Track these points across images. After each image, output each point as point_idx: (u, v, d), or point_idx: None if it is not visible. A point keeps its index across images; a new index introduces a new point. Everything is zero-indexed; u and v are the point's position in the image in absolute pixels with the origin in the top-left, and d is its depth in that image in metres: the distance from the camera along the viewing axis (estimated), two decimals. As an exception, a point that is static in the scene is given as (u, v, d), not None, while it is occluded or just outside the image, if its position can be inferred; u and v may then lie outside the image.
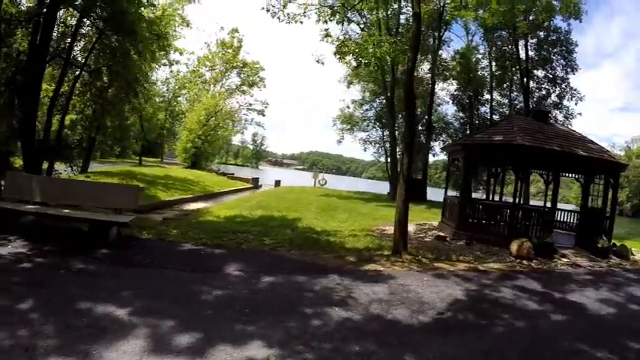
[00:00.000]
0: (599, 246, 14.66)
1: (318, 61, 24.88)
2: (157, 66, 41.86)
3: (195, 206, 19.47)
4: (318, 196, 29.69)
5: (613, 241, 16.65)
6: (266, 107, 64.86)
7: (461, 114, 40.64)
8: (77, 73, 24.99)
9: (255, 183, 40.30)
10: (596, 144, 16.86)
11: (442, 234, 15.73)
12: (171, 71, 65.52)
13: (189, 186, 26.04)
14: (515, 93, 37.73)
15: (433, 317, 7.01)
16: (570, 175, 19.67)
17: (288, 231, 13.91)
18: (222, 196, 26.90)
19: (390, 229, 15.90)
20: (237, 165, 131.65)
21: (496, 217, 16.05)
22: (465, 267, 11.23)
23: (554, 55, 36.70)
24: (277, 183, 44.72)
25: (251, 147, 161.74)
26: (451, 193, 19.59)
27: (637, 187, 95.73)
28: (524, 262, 12.51)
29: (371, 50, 14.99)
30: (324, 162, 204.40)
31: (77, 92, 26.13)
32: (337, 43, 18.30)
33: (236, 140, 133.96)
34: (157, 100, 65.86)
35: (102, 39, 23.67)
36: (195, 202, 21.46)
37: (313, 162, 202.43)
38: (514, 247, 13.04)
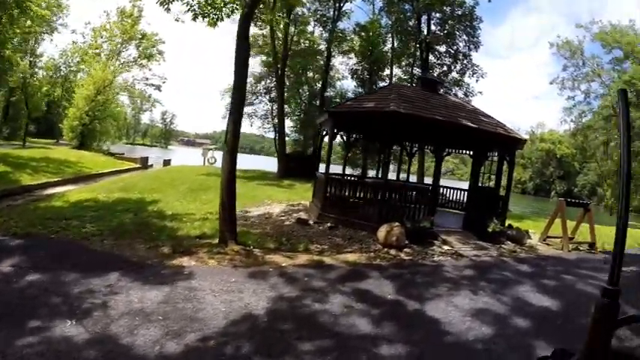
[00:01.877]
0: (490, 230, 12.76)
1: (177, 20, 21.38)
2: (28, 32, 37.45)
3: (58, 190, 17.78)
4: (199, 175, 27.22)
5: (509, 222, 15.16)
6: (164, 82, 60.39)
7: (360, 89, 38.61)
8: None
9: (144, 163, 37.10)
10: (492, 118, 14.84)
11: (304, 217, 13.54)
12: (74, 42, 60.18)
13: (64, 168, 23.88)
14: (417, 69, 36.15)
15: (187, 345, 4.96)
16: (462, 152, 17.90)
17: (130, 215, 12.43)
18: (98, 178, 24.53)
19: (255, 211, 14.71)
20: (146, 145, 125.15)
21: (367, 198, 13.70)
22: (306, 260, 9.03)
23: (457, 31, 35.26)
24: (166, 162, 41.87)
25: (161, 126, 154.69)
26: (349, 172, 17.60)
27: (539, 168, 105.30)
28: (392, 251, 10.35)
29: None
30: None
31: None
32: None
33: (145, 119, 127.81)
34: (48, 74, 61.88)
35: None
36: (61, 185, 19.61)
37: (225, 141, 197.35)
38: (382, 233, 10.88)
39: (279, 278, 7.59)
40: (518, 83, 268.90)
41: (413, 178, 25.89)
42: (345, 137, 17.03)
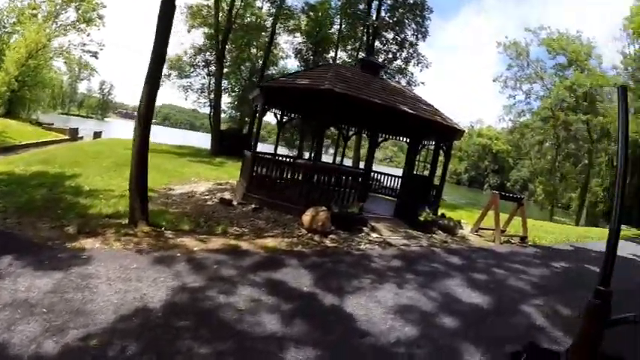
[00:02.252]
0: (422, 219, 12.40)
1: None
2: None
3: (-28, 162, 16.11)
4: (128, 149, 25.77)
5: (443, 211, 15.05)
6: (101, 49, 57.12)
7: (303, 70, 37.90)
8: None
9: (73, 135, 34.83)
10: (431, 106, 14.44)
11: (228, 197, 12.69)
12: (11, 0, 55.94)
13: (-17, 138, 22.14)
14: (363, 54, 35.74)
15: (67, 345, 4.10)
16: (398, 138, 17.50)
17: (43, 191, 11.02)
18: (21, 150, 22.59)
19: (179, 189, 13.88)
20: (81, 116, 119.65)
21: (295, 179, 12.97)
22: (220, 245, 8.19)
23: (407, 19, 35.30)
24: (96, 135, 39.84)
25: (99, 96, 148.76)
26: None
27: (475, 161, 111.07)
28: (316, 237, 9.74)
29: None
30: (177, 116, 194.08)
31: None
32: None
33: (83, 88, 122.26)
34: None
35: None
36: (-23, 156, 17.99)
37: (166, 116, 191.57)
38: (307, 217, 10.27)
39: (186, 265, 6.77)
40: (463, 79, 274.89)
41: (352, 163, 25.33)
42: (278, 115, 16.24)
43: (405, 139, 16.70)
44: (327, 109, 12.22)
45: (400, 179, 16.35)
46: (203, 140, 49.38)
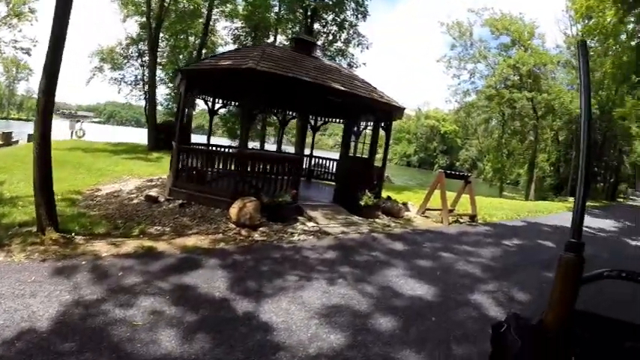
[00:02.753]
0: (362, 203, 11.60)
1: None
2: None
3: None
4: (60, 150, 24.19)
5: (389, 194, 14.37)
6: (34, 46, 54.27)
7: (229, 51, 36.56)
8: None
9: (7, 139, 32.21)
10: (369, 85, 13.61)
11: (154, 194, 11.48)
12: None
13: None
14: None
15: None
16: (334, 120, 16.71)
17: None
18: None
19: (107, 189, 12.95)
20: (22, 120, 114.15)
21: (225, 169, 11.91)
22: (133, 248, 7.17)
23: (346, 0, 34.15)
24: (31, 138, 37.14)
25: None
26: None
27: (424, 142, 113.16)
28: (244, 231, 8.78)
29: None
30: (123, 114, 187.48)
31: None
32: None
33: (22, 89, 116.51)
34: None
35: None
36: None
37: (111, 114, 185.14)
38: (234, 210, 9.32)
39: (89, 274, 5.75)
40: (411, 63, 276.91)
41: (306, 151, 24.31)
42: (210, 102, 15.03)
43: (340, 120, 15.86)
44: (252, 91, 11.17)
45: (338, 163, 15.42)
46: (145, 136, 47.65)
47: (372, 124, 13.51)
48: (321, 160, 17.70)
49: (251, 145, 29.63)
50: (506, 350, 1.51)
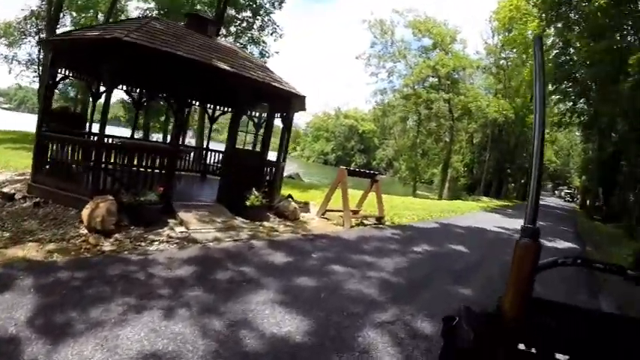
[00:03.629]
0: (248, 203, 9.98)
1: None
2: None
3: None
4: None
5: (293, 192, 13.54)
6: None
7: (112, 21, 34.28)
8: None
9: None
10: (270, 72, 12.00)
11: (9, 190, 9.37)
12: None
13: None
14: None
15: None
16: (223, 109, 15.10)
17: None
18: None
19: None
20: None
21: (89, 162, 9.76)
22: None
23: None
24: None
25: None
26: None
27: (342, 141, 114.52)
28: (92, 239, 6.89)
29: None
30: (35, 100, 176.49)
31: None
32: None
33: None
34: None
35: None
36: None
37: (22, 100, 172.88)
38: (86, 212, 7.44)
39: None
40: (333, 63, 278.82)
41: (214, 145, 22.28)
42: (94, 85, 12.82)
43: (229, 109, 14.16)
44: (118, 66, 9.11)
45: (223, 156, 13.69)
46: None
47: (268, 115, 11.83)
48: (217, 155, 15.74)
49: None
50: (458, 343, 1.40)
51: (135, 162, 9.07)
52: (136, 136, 15.43)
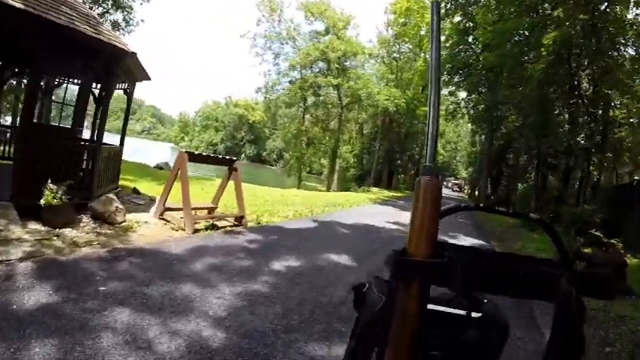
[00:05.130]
0: (44, 202, 6.94)
1: None
2: None
3: None
4: None
5: (146, 184, 11.50)
6: None
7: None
8: None
9: None
10: (96, 20, 8.88)
11: None
12: None
13: None
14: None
15: None
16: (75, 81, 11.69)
17: None
18: None
19: None
20: None
21: None
22: None
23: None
24: None
25: None
26: None
27: (231, 131, 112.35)
28: None
29: None
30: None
31: None
32: None
33: None
34: None
35: None
36: None
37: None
38: None
39: None
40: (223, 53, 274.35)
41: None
42: None
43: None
44: None
45: (16, 135, 10.17)
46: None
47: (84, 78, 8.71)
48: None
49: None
50: (370, 309, 1.31)
51: None
52: None
